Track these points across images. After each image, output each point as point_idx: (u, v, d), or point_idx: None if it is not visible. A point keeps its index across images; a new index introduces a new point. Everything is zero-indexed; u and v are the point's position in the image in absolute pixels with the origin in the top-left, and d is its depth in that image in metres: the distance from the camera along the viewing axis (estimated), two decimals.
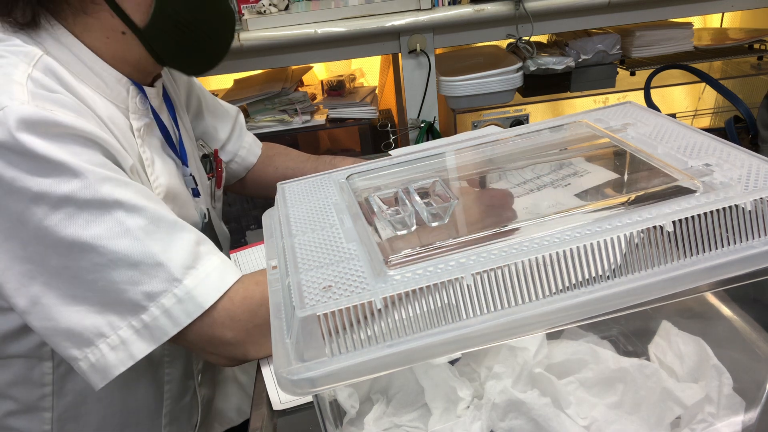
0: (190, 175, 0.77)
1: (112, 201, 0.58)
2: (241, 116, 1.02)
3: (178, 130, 0.79)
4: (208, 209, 0.83)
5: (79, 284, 0.58)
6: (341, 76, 1.60)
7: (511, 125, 1.54)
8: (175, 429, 0.80)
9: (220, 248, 0.85)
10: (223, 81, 1.74)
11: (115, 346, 0.59)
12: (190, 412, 0.83)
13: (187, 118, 0.88)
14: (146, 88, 0.72)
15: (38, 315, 0.58)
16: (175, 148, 0.76)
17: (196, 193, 0.79)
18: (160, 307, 0.59)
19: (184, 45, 0.69)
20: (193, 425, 0.84)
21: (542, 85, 1.47)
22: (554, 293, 0.38)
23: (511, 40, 1.42)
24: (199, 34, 0.69)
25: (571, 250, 0.38)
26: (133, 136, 0.69)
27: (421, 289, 0.37)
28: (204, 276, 0.61)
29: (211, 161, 0.89)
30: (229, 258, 0.91)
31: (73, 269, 0.57)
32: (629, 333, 0.57)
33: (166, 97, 0.79)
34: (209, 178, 0.88)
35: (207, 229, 0.81)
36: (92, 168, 0.57)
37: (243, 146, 1.00)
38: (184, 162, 0.77)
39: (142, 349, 0.59)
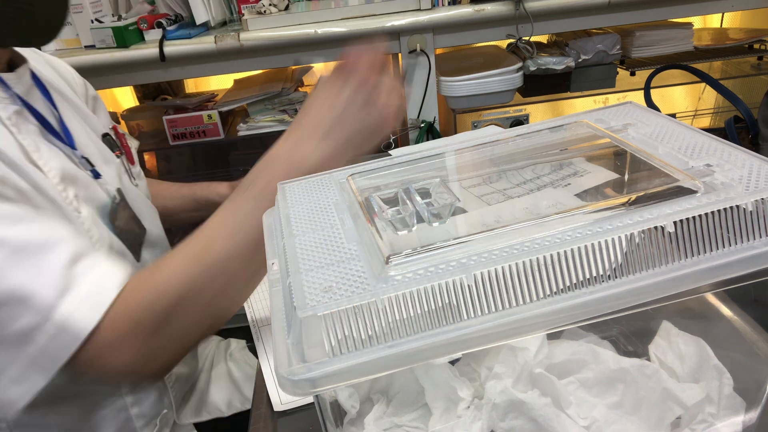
0: (83, 157, 0.72)
1: None
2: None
3: (58, 112, 0.73)
4: (119, 189, 0.77)
5: None
6: None
7: (511, 125, 1.54)
8: None
9: (144, 231, 0.80)
10: (223, 81, 1.73)
11: (17, 378, 0.55)
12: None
13: (80, 101, 0.83)
14: (4, 75, 0.66)
15: None
16: (57, 133, 0.70)
17: (96, 175, 0.74)
18: (40, 338, 0.54)
19: (8, 19, 0.62)
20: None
21: (542, 85, 1.47)
22: (554, 293, 0.38)
23: (511, 40, 1.42)
24: (22, 2, 0.62)
25: (571, 250, 0.38)
26: (5, 126, 0.64)
27: (421, 289, 0.37)
28: (80, 299, 0.55)
29: (111, 139, 0.84)
30: None
31: None
32: (629, 333, 0.57)
33: (39, 83, 0.74)
34: (117, 156, 0.83)
35: (121, 210, 0.76)
36: None
37: None
38: (71, 145, 0.72)
39: (38, 381, 0.55)
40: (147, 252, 0.79)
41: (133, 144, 0.91)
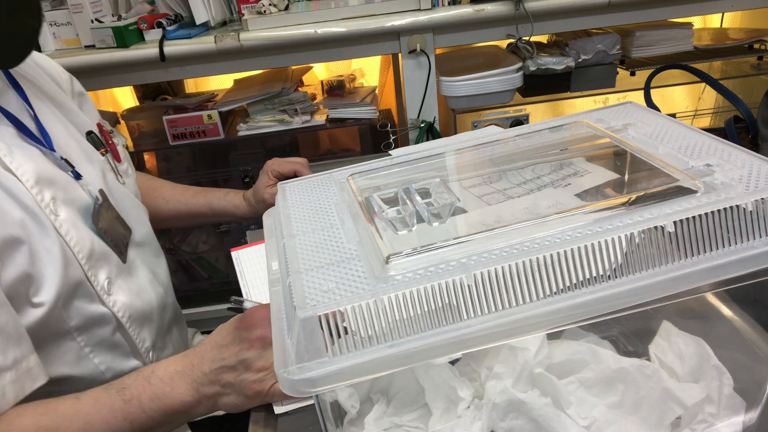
0: (62, 158, 0.71)
1: None
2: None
3: (34, 113, 0.73)
4: (102, 190, 0.76)
5: None
6: (341, 76, 1.60)
7: (511, 125, 1.54)
8: None
9: (129, 232, 0.79)
10: (223, 81, 1.73)
11: None
12: None
13: (66, 97, 0.82)
14: None
15: None
16: (33, 134, 0.69)
17: (77, 176, 0.73)
18: None
19: None
20: None
21: (542, 85, 1.47)
22: (554, 293, 0.38)
23: (511, 40, 1.42)
24: None
25: (571, 250, 0.38)
26: None
27: (421, 289, 0.37)
28: None
29: (96, 137, 0.83)
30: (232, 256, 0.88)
31: None
32: (630, 333, 0.57)
33: (15, 84, 0.73)
34: (102, 154, 0.82)
35: (104, 211, 0.75)
36: None
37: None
38: (49, 146, 0.71)
39: None
40: (134, 252, 0.79)
41: (120, 141, 0.90)
